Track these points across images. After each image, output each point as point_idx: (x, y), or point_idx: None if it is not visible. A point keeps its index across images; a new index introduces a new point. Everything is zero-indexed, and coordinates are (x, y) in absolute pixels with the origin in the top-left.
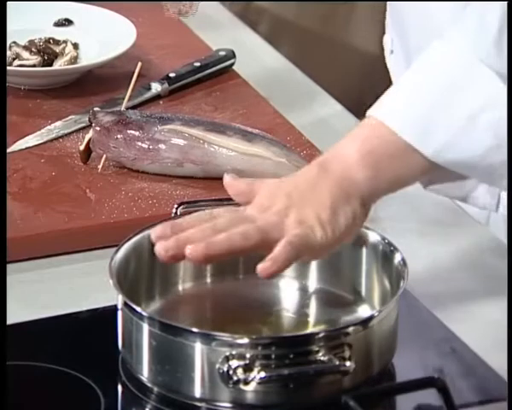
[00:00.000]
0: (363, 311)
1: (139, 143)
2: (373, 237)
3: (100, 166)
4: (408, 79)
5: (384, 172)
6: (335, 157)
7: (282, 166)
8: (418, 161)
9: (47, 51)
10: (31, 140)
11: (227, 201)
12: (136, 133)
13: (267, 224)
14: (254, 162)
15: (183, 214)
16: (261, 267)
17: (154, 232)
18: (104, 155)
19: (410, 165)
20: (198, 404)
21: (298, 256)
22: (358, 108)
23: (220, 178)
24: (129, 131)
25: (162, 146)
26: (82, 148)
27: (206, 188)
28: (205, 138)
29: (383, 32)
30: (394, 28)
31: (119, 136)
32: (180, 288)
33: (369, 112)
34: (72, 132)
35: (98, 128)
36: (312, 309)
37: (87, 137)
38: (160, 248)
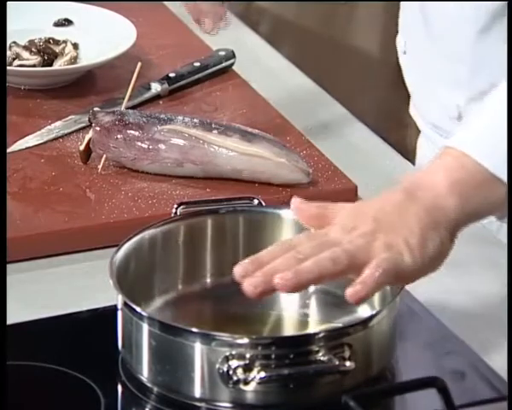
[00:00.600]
0: (363, 311)
1: (139, 143)
2: None
3: (100, 166)
4: (484, 114)
5: (471, 202)
6: (422, 184)
7: (281, 166)
8: (502, 191)
9: (47, 51)
10: (31, 140)
11: (227, 201)
12: (136, 133)
13: (355, 247)
14: (254, 162)
15: (182, 214)
16: (351, 292)
17: (236, 272)
18: (104, 156)
19: (493, 194)
20: (198, 404)
21: (387, 280)
22: (358, 109)
23: (220, 179)
24: (129, 132)
25: (162, 146)
26: (82, 148)
27: (206, 188)
28: (205, 138)
29: (383, 32)
30: (405, 30)
31: (118, 136)
32: (180, 288)
33: (449, 143)
34: (72, 132)
35: (98, 128)
36: (312, 309)
37: (87, 137)
38: (249, 286)
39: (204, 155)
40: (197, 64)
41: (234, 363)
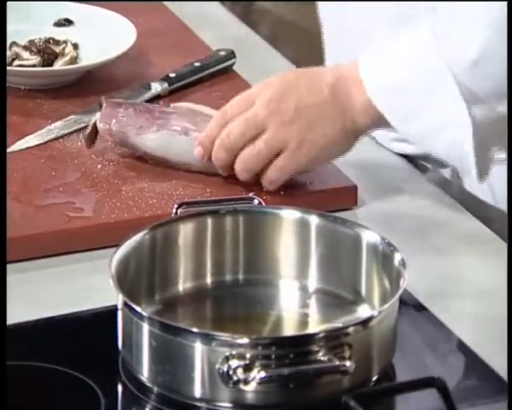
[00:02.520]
0: (363, 311)
1: (149, 114)
2: (373, 237)
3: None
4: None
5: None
6: (344, 91)
7: None
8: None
9: (47, 51)
10: (31, 140)
11: (227, 201)
12: (148, 108)
13: (274, 140)
14: None
15: (183, 214)
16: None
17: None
18: (109, 128)
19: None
20: (198, 404)
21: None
22: None
23: (220, 176)
24: (140, 106)
25: (172, 116)
26: (88, 130)
27: (206, 188)
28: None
29: None
30: None
31: (130, 108)
32: (180, 288)
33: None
34: (72, 132)
35: (110, 103)
36: (312, 309)
37: (93, 119)
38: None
39: None
40: (197, 64)
41: (234, 363)
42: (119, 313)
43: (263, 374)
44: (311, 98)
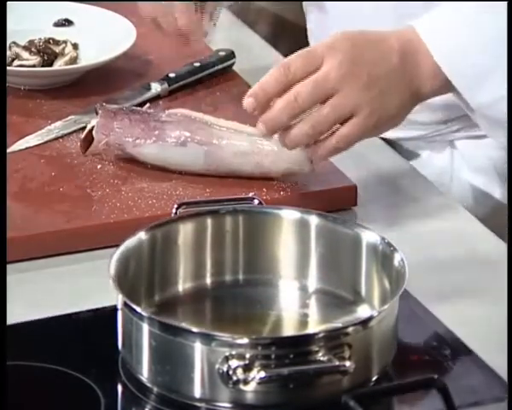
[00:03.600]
0: (363, 311)
1: (144, 125)
2: (373, 237)
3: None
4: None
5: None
6: (414, 55)
7: (286, 150)
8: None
9: (47, 51)
10: (31, 140)
11: (227, 201)
12: (143, 116)
13: (341, 108)
14: (259, 144)
15: (182, 215)
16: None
17: (247, 106)
18: (105, 139)
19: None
20: (198, 404)
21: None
22: None
23: (221, 177)
24: (135, 115)
25: (168, 126)
26: (83, 136)
27: (206, 188)
28: (212, 121)
29: None
30: None
31: (125, 118)
32: (180, 288)
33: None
34: (72, 132)
35: (104, 112)
36: (312, 309)
37: (89, 125)
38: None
39: (209, 136)
40: (197, 64)
41: (234, 363)
42: (119, 314)
43: (263, 374)
44: (383, 67)
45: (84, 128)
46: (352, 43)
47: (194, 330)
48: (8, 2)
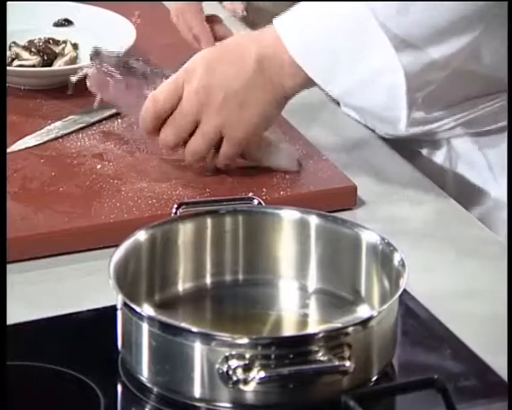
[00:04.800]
0: (363, 311)
1: (140, 91)
2: (372, 237)
3: (95, 104)
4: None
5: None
6: (270, 60)
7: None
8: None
9: (46, 51)
10: (30, 140)
11: (227, 201)
12: (140, 82)
13: (209, 132)
14: None
15: (182, 215)
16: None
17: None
18: (99, 96)
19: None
20: (198, 404)
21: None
22: None
23: (219, 176)
24: (132, 78)
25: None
26: (74, 79)
27: (206, 188)
28: None
29: None
30: None
31: (121, 80)
32: (180, 288)
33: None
34: (72, 132)
35: (99, 67)
36: (312, 309)
37: (85, 70)
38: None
39: None
40: None
41: (234, 363)
42: (119, 313)
43: (262, 374)
44: (239, 81)
45: (83, 128)
46: (207, 63)
47: (194, 330)
48: (8, 2)
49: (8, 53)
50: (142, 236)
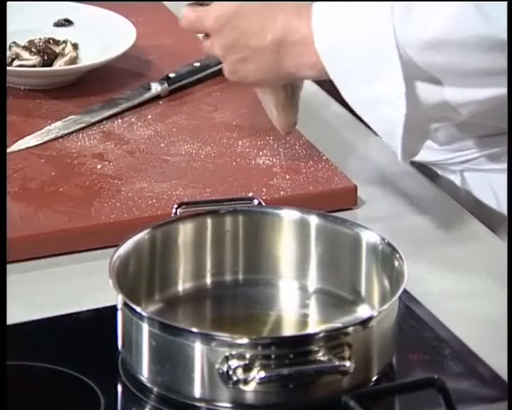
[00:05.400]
0: (363, 311)
1: None
2: (372, 237)
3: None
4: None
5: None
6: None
7: None
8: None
9: (47, 51)
10: (31, 140)
11: (227, 201)
12: None
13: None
14: None
15: (182, 215)
16: None
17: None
18: None
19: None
20: (198, 404)
21: None
22: None
23: (219, 176)
24: None
25: None
26: None
27: (206, 188)
28: None
29: None
30: None
31: None
32: (180, 288)
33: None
34: (72, 132)
35: None
36: (312, 309)
37: None
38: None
39: None
40: (197, 64)
41: (234, 363)
42: (119, 313)
43: (262, 374)
44: (254, 39)
45: (84, 128)
46: (241, 7)
47: (194, 330)
48: (8, 2)
49: (8, 53)
50: (142, 236)
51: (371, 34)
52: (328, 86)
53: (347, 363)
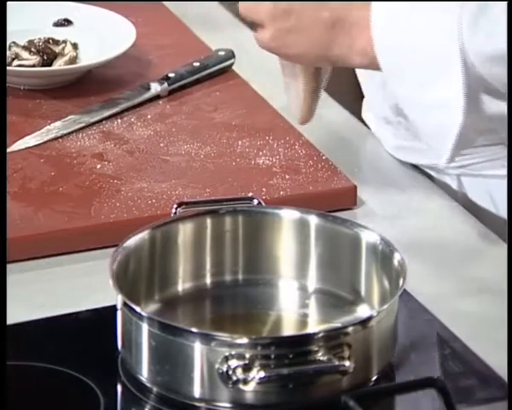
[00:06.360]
0: (363, 311)
1: None
2: (372, 237)
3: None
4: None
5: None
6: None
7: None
8: None
9: (46, 51)
10: (30, 140)
11: (227, 201)
12: None
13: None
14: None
15: (182, 215)
16: None
17: None
18: None
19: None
20: (197, 404)
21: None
22: (358, 108)
23: (219, 176)
24: None
25: None
26: None
27: (206, 188)
28: None
29: None
30: None
31: None
32: (180, 288)
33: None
34: (72, 132)
35: None
36: (312, 309)
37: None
38: None
39: None
40: (197, 64)
41: (233, 363)
42: (119, 313)
43: (262, 374)
44: (311, 12)
45: (84, 128)
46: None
47: (194, 330)
48: (8, 2)
49: (7, 53)
50: (142, 236)
51: (434, 35)
52: (328, 86)
53: (347, 363)
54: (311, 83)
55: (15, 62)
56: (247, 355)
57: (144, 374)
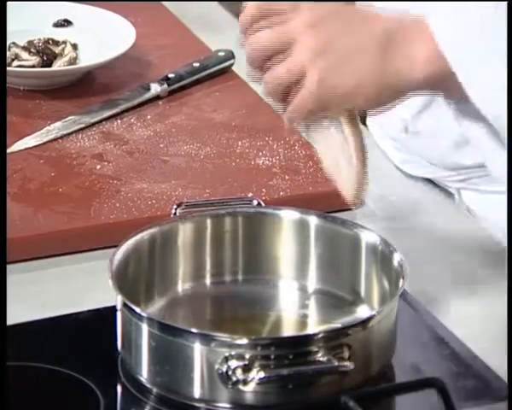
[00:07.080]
0: (363, 311)
1: None
2: (372, 237)
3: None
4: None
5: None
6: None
7: None
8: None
9: (46, 52)
10: (30, 141)
11: (227, 202)
12: None
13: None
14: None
15: (182, 215)
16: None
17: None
18: None
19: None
20: (197, 405)
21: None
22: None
23: (219, 176)
24: None
25: None
26: None
27: (206, 188)
28: None
29: None
30: None
31: None
32: (179, 288)
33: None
34: (72, 133)
35: None
36: (312, 310)
37: None
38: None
39: None
40: (196, 65)
41: (233, 363)
42: (119, 314)
43: (262, 375)
44: (357, 35)
45: (83, 128)
46: (337, 7)
47: (194, 330)
48: (8, 3)
49: (7, 53)
50: (141, 236)
51: (493, 24)
52: None
53: (347, 363)
54: (358, 131)
55: (15, 63)
56: (247, 356)
57: (144, 375)
